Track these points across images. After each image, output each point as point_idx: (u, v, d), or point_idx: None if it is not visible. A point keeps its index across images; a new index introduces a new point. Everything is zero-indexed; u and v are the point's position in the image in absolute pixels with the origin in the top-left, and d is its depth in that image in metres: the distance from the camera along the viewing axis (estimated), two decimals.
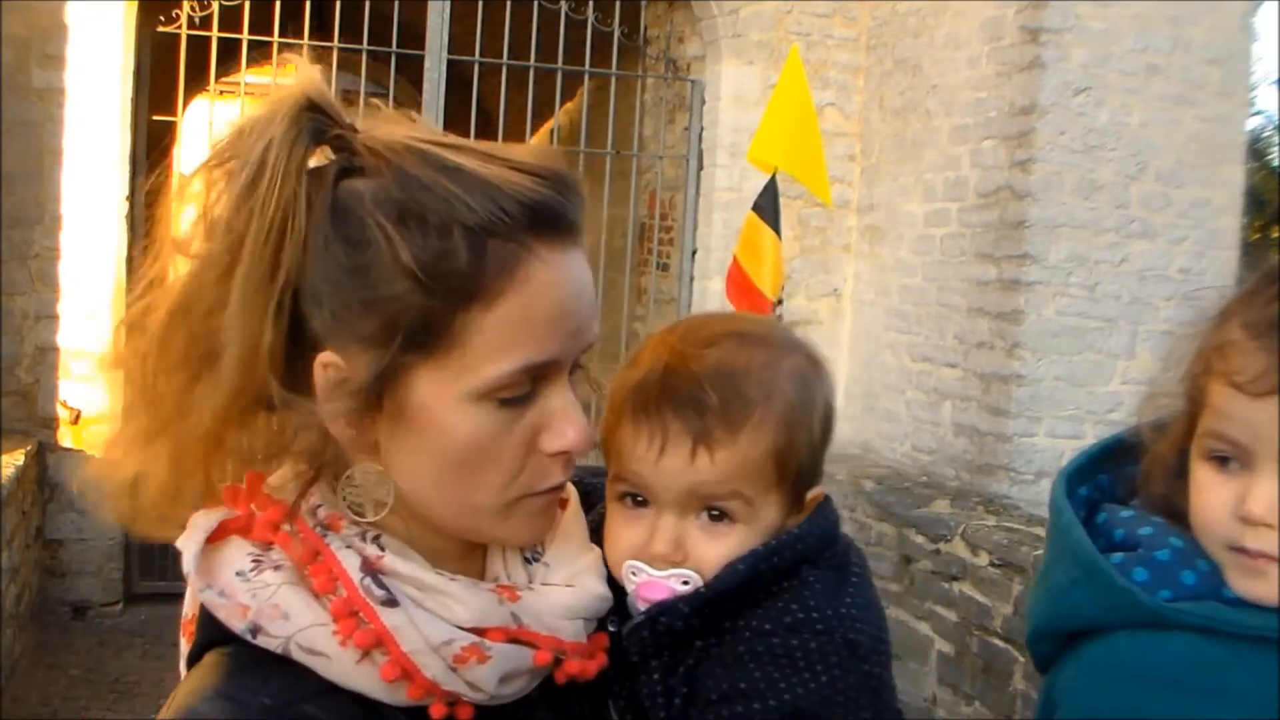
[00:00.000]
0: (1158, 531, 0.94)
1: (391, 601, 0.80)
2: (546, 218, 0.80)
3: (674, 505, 0.94)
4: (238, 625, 0.80)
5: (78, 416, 5.59)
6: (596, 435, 0.86)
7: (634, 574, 0.95)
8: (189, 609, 0.90)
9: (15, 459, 4.85)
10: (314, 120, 0.80)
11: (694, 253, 6.59)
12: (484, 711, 0.83)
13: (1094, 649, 0.93)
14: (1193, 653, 0.87)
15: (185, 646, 0.91)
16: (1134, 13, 5.23)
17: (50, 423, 5.57)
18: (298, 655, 0.79)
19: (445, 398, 0.80)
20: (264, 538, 0.83)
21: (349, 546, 0.82)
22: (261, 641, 0.79)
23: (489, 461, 0.82)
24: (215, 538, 0.83)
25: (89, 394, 5.60)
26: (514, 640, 0.83)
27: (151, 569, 6.00)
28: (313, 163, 0.80)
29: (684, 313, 6.63)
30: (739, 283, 4.71)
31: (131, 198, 5.72)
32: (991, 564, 4.59)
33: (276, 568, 0.82)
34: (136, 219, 5.80)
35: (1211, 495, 0.89)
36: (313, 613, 0.80)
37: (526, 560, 0.92)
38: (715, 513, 0.95)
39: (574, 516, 0.97)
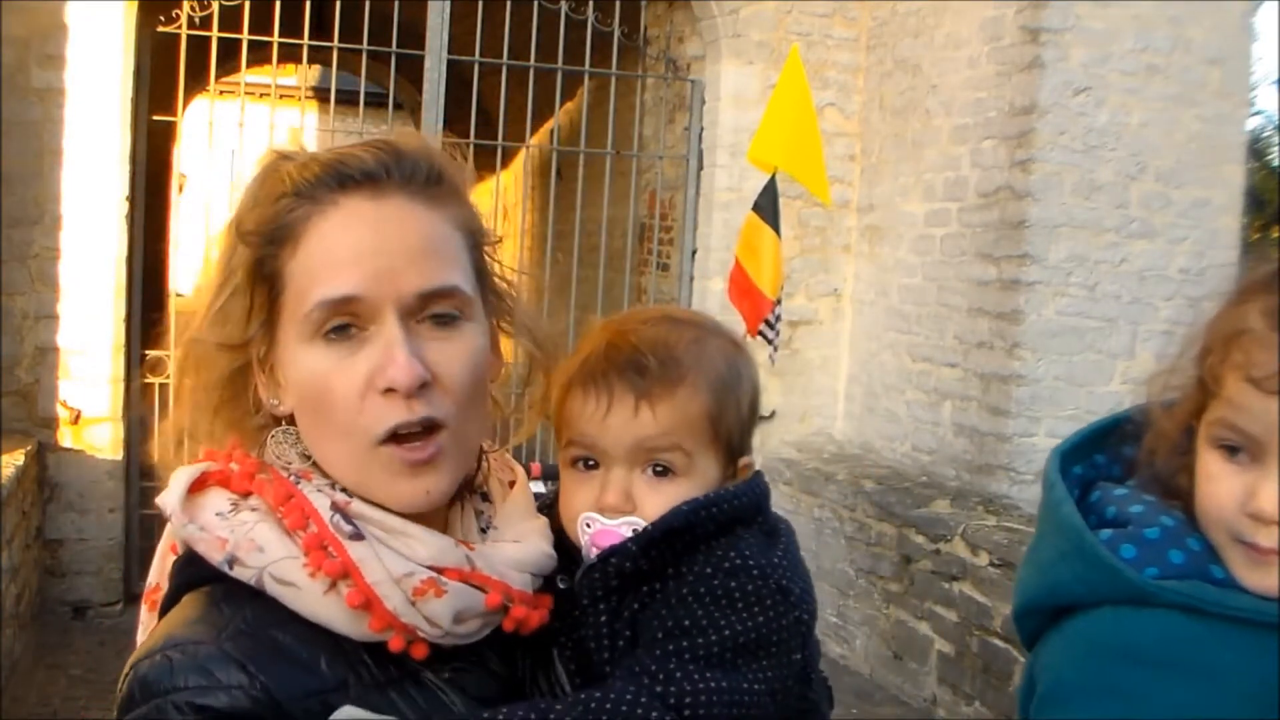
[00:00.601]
0: (1149, 510, 0.94)
1: (358, 536, 0.89)
2: (353, 176, 0.92)
3: (621, 460, 1.04)
4: (216, 557, 0.89)
5: (78, 416, 5.59)
6: (423, 372, 0.89)
7: (588, 525, 1.04)
8: (154, 578, 0.99)
9: (15, 459, 4.85)
10: (278, 164, 0.95)
11: (694, 253, 6.59)
12: (438, 654, 0.91)
13: (1078, 623, 0.93)
14: (1176, 630, 0.87)
15: (146, 615, 0.99)
16: (1134, 13, 5.23)
17: (50, 423, 5.56)
18: (270, 586, 0.88)
19: (291, 347, 0.92)
20: (242, 488, 0.93)
21: (319, 491, 0.92)
22: (237, 572, 0.88)
23: (328, 401, 0.90)
24: (197, 487, 0.93)
25: (89, 394, 5.61)
26: (466, 582, 0.91)
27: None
28: None
29: None
30: (740, 283, 4.71)
31: (131, 198, 5.72)
32: (991, 564, 4.60)
33: (253, 509, 0.91)
34: (136, 219, 5.80)
35: (1220, 485, 0.89)
36: (285, 547, 0.89)
37: (481, 530, 1.01)
38: (659, 467, 1.04)
39: (522, 493, 1.07)
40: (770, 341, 4.77)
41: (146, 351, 5.92)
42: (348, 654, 0.88)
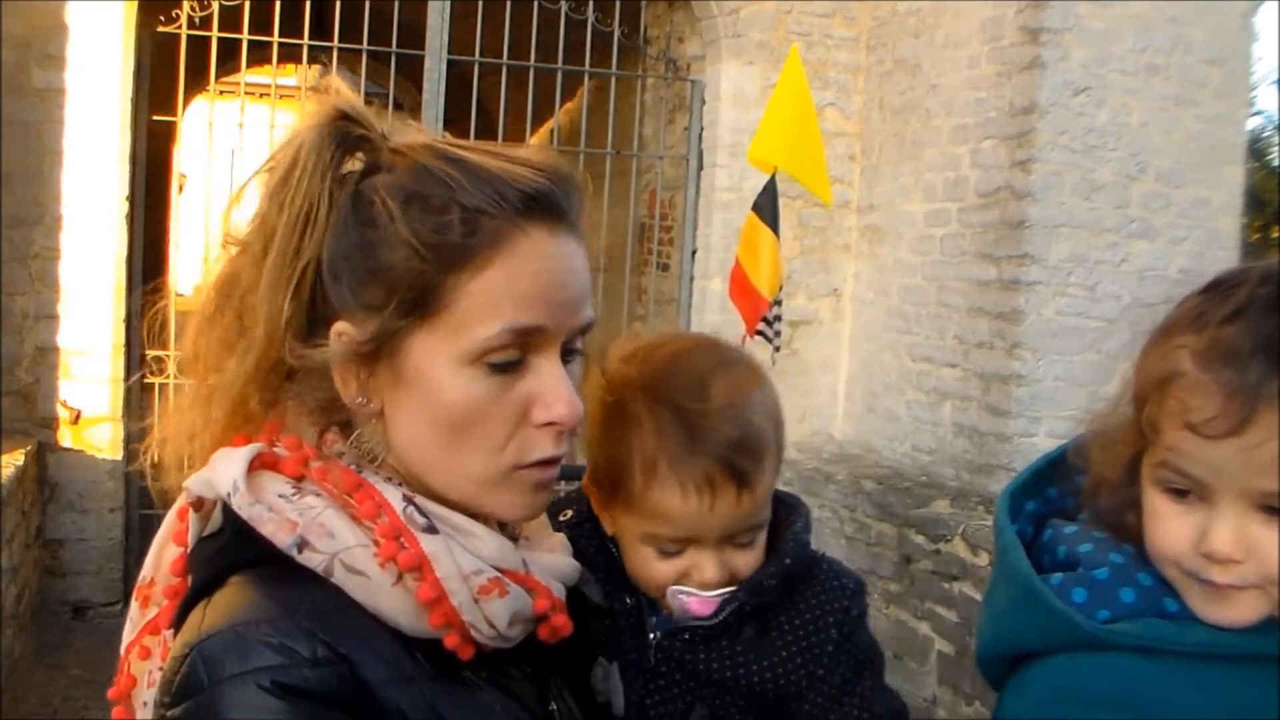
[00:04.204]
0: (1098, 548, 0.93)
1: (432, 529, 0.87)
2: (538, 202, 0.88)
3: (715, 542, 1.06)
4: (284, 539, 0.84)
5: (78, 416, 5.59)
6: (582, 409, 0.90)
7: (682, 594, 1.07)
8: (149, 573, 0.94)
9: (15, 459, 4.85)
10: (344, 128, 0.90)
11: (694, 253, 6.59)
12: (479, 658, 0.89)
13: (1036, 671, 0.93)
14: (1131, 673, 0.87)
15: (137, 611, 0.94)
16: (1134, 13, 5.22)
17: (50, 423, 5.56)
18: (338, 573, 0.84)
19: (439, 361, 0.87)
20: (296, 473, 0.89)
21: (387, 482, 0.89)
22: (305, 557, 0.84)
23: (478, 426, 0.88)
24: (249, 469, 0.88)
25: (89, 394, 5.60)
26: (521, 585, 0.90)
27: None
28: (350, 167, 0.91)
29: (684, 313, 6.62)
30: (740, 282, 4.71)
31: (131, 198, 5.72)
32: (991, 564, 4.59)
33: (316, 494, 0.88)
34: (136, 219, 5.80)
35: (1170, 526, 0.88)
36: (355, 535, 0.86)
37: (510, 538, 0.97)
38: (747, 539, 1.08)
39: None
40: (770, 341, 4.76)
41: (146, 351, 5.93)
42: (401, 647, 0.86)
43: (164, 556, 0.93)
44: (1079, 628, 0.88)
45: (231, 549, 0.87)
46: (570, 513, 1.19)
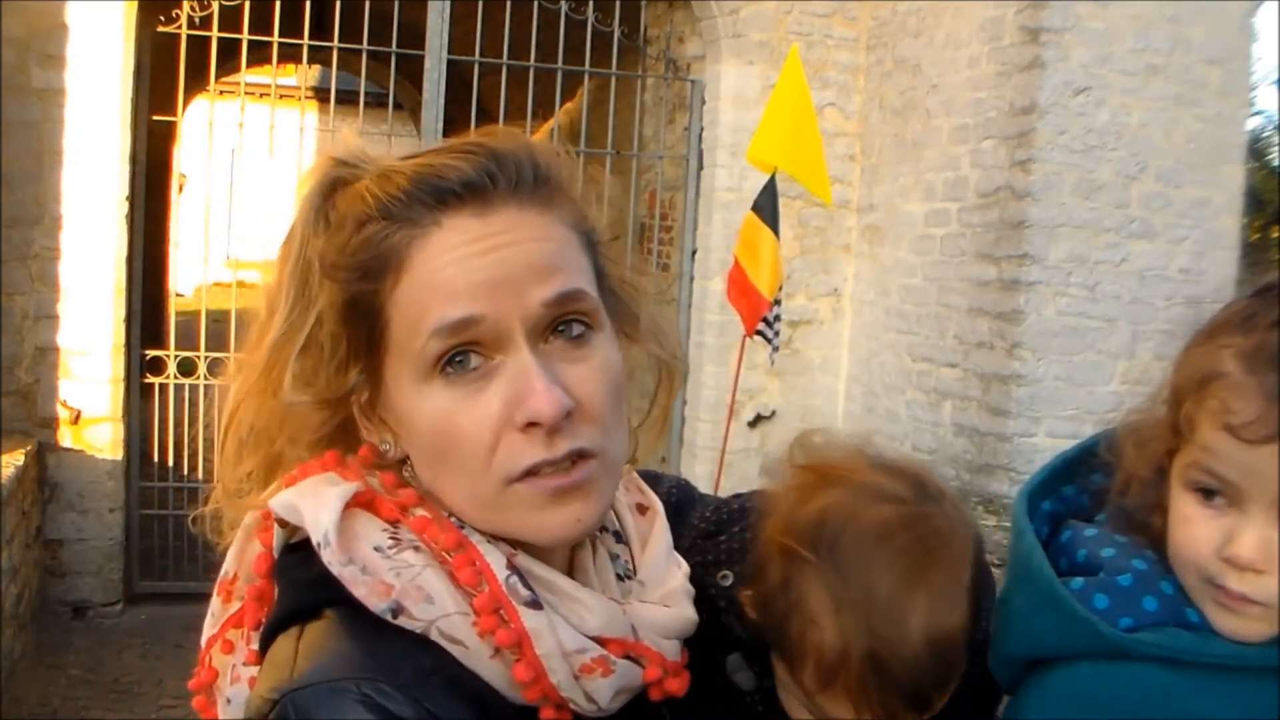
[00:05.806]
0: (1120, 553, 0.92)
1: (535, 604, 0.80)
2: (454, 191, 0.82)
3: None
4: (378, 604, 0.79)
5: (78, 416, 5.59)
6: (567, 402, 0.79)
7: None
8: (231, 568, 0.90)
9: (15, 459, 4.85)
10: (335, 173, 0.87)
11: (694, 253, 6.59)
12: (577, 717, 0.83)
13: (1057, 678, 0.91)
14: (1155, 684, 0.86)
15: (219, 605, 0.91)
16: (1134, 13, 5.22)
17: (50, 423, 5.56)
18: (435, 638, 0.79)
19: (404, 388, 0.83)
20: (393, 516, 0.83)
21: (490, 543, 0.82)
22: (402, 622, 0.79)
23: (457, 443, 0.80)
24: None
25: (89, 394, 5.61)
26: (629, 654, 0.84)
27: (151, 569, 6.00)
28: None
29: (684, 313, 6.62)
30: (739, 283, 4.71)
31: (131, 198, 5.72)
32: (992, 564, 4.59)
33: (415, 549, 0.81)
34: (136, 219, 5.80)
35: (1196, 529, 0.86)
36: (455, 601, 0.80)
37: (619, 577, 0.92)
38: None
39: (661, 530, 0.97)
40: (769, 341, 4.77)
41: (146, 351, 5.93)
42: (506, 706, 0.82)
43: (247, 553, 0.89)
44: (1102, 635, 0.87)
45: (326, 583, 0.80)
46: (730, 576, 1.05)
